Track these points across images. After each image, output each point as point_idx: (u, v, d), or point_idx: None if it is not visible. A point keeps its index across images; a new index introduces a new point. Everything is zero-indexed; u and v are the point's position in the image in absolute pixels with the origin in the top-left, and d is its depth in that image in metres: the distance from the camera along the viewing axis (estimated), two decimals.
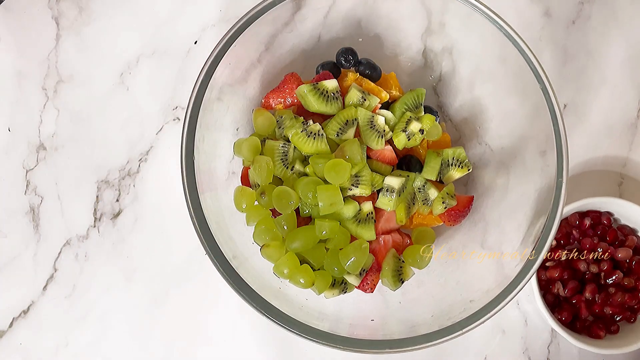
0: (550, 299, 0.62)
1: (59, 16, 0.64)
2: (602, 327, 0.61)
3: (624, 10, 0.65)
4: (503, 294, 0.50)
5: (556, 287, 0.61)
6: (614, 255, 0.60)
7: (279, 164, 0.55)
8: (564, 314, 0.61)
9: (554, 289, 0.61)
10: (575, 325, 0.62)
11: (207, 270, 0.56)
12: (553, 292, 0.61)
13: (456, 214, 0.57)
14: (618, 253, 0.60)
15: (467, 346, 0.63)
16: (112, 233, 0.63)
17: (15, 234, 0.63)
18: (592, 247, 0.61)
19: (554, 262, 0.62)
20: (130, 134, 0.63)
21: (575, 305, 0.61)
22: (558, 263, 0.61)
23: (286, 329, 0.51)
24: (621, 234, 0.62)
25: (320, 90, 0.54)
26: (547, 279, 0.62)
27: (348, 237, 0.54)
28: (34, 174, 0.63)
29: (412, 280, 0.57)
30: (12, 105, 0.63)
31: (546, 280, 0.62)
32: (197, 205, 0.51)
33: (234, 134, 0.58)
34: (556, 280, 0.61)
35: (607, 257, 0.60)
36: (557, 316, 0.61)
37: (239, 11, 0.61)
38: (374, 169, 0.55)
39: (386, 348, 0.51)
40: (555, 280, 0.61)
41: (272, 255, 0.54)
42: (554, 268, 0.61)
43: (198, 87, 0.51)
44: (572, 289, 0.61)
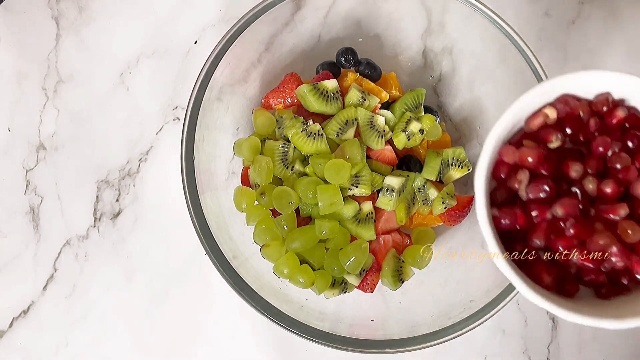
0: (500, 198, 0.40)
1: (59, 16, 0.64)
2: (551, 271, 0.39)
3: (624, 10, 0.65)
4: (503, 294, 0.50)
5: (519, 178, 0.38)
6: (635, 185, 0.37)
7: (279, 164, 0.55)
8: (508, 219, 0.39)
9: (514, 182, 0.39)
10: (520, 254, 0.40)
11: (207, 270, 0.56)
12: (509, 185, 0.39)
13: (456, 214, 0.57)
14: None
15: (467, 346, 0.63)
16: (112, 233, 0.63)
17: (15, 234, 0.63)
18: (604, 154, 0.38)
19: (531, 143, 0.39)
20: (130, 134, 0.63)
21: (533, 221, 0.38)
22: (538, 146, 0.39)
23: (286, 329, 0.51)
24: None
25: (320, 90, 0.54)
26: (512, 163, 0.39)
27: (348, 237, 0.54)
28: (34, 174, 0.63)
29: (412, 280, 0.57)
30: (12, 105, 0.63)
31: (508, 166, 0.39)
32: (197, 205, 0.51)
33: (234, 134, 0.58)
34: (522, 168, 0.39)
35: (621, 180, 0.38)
36: (498, 224, 0.39)
37: (239, 11, 0.61)
38: (374, 169, 0.55)
39: (386, 348, 0.51)
40: (522, 167, 0.38)
41: (272, 255, 0.54)
42: (530, 149, 0.38)
43: (198, 87, 0.51)
44: (540, 191, 0.38)
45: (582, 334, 0.63)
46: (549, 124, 0.39)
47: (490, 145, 0.38)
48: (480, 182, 0.38)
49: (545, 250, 0.39)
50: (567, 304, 0.38)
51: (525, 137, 0.39)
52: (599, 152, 0.38)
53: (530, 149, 0.38)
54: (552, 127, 0.39)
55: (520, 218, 0.38)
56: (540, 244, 0.38)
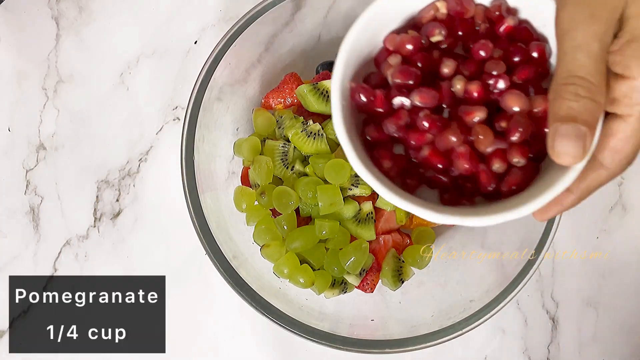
0: (373, 81, 0.39)
1: (59, 16, 0.64)
2: (397, 161, 0.38)
3: None
4: (503, 294, 0.50)
5: (390, 62, 0.37)
6: (503, 96, 0.35)
7: (279, 164, 0.55)
8: (363, 95, 0.37)
9: (386, 66, 0.38)
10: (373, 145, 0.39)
11: (207, 270, 0.56)
12: (382, 70, 0.38)
13: None
14: (513, 98, 0.35)
15: (467, 346, 0.63)
16: (112, 233, 0.63)
17: (15, 234, 0.63)
18: (483, 59, 0.37)
19: (414, 33, 0.38)
20: (130, 134, 0.63)
21: (392, 107, 0.37)
22: (420, 37, 0.37)
23: (286, 329, 0.51)
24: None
25: (320, 90, 0.54)
26: (392, 50, 0.38)
27: (348, 237, 0.54)
28: (34, 174, 0.63)
29: (412, 280, 0.57)
30: (12, 105, 0.63)
31: (389, 52, 0.38)
32: (197, 205, 0.51)
33: (234, 134, 0.58)
34: (397, 54, 0.37)
35: (491, 87, 0.36)
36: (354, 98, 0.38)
37: (239, 11, 0.61)
38: None
39: (386, 348, 0.51)
40: (398, 53, 0.37)
41: (272, 255, 0.54)
42: (409, 37, 0.37)
43: (198, 87, 0.51)
44: (406, 76, 0.36)
45: (582, 334, 0.63)
46: (439, 19, 0.38)
47: (371, 13, 0.37)
48: (343, 54, 0.37)
49: (399, 141, 0.38)
50: (404, 194, 0.37)
51: (411, 28, 0.39)
52: (478, 56, 0.37)
53: (409, 37, 0.37)
54: (440, 22, 0.38)
55: (379, 100, 0.37)
56: (392, 131, 0.37)
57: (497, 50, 0.37)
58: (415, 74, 0.36)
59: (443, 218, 0.36)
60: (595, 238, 0.63)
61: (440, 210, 0.36)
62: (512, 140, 0.35)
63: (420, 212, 0.36)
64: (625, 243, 0.63)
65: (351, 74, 0.38)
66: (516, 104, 0.35)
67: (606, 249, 0.63)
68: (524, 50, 0.36)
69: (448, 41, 0.38)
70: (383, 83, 0.38)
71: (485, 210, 0.36)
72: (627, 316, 0.63)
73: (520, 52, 0.36)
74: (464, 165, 0.35)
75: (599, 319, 0.63)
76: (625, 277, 0.63)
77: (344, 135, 0.36)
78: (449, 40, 0.38)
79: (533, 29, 0.37)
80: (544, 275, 0.63)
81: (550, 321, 0.63)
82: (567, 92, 0.32)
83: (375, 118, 0.38)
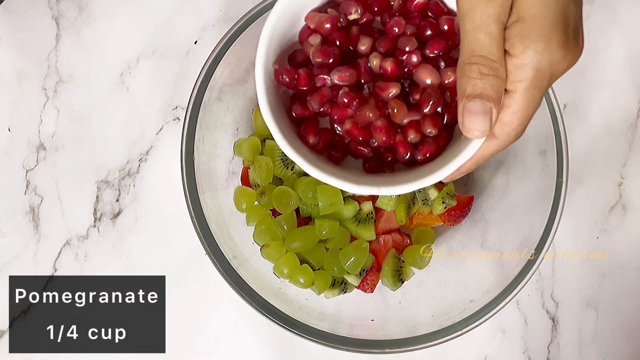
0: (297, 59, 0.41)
1: (59, 16, 0.64)
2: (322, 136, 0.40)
3: (624, 10, 0.65)
4: (503, 294, 0.50)
5: (310, 41, 0.39)
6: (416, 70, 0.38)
7: (279, 164, 0.55)
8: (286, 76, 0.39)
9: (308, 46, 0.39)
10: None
11: (207, 270, 0.56)
12: (304, 49, 0.40)
13: (456, 214, 0.57)
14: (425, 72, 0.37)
15: (467, 346, 0.63)
16: (112, 233, 0.63)
17: (15, 234, 0.63)
18: (397, 35, 0.39)
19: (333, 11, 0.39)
20: (130, 134, 0.63)
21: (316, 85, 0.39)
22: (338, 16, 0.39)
23: (286, 329, 0.51)
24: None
25: None
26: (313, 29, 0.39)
27: (348, 237, 0.54)
28: (34, 174, 0.63)
29: (412, 280, 0.57)
30: (12, 105, 0.63)
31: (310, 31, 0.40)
32: (197, 205, 0.51)
33: (234, 134, 0.58)
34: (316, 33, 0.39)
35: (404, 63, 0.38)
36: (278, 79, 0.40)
37: (239, 11, 0.61)
38: None
39: (386, 348, 0.51)
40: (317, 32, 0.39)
41: (272, 255, 0.54)
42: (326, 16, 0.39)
43: (198, 87, 0.51)
44: (325, 56, 0.38)
45: (582, 334, 0.63)
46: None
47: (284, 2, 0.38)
48: (267, 30, 0.38)
49: (323, 116, 0.41)
50: (330, 169, 0.39)
51: (330, 7, 0.40)
52: (392, 33, 0.39)
53: (327, 16, 0.39)
54: (357, 1, 0.39)
55: (302, 79, 0.39)
56: (316, 107, 0.39)
57: (409, 27, 0.39)
58: (333, 53, 0.39)
59: (362, 189, 0.39)
60: (595, 238, 0.63)
61: (361, 181, 0.39)
62: (425, 112, 0.38)
63: (342, 186, 0.38)
64: (625, 243, 0.63)
65: (275, 54, 0.40)
66: (427, 77, 0.37)
67: (606, 249, 0.63)
68: (435, 24, 0.38)
69: (365, 18, 0.40)
70: (308, 60, 0.40)
71: (400, 179, 0.39)
72: (627, 316, 0.63)
73: (431, 26, 0.38)
74: (381, 137, 0.39)
75: (599, 319, 0.63)
76: (625, 277, 0.63)
77: (269, 115, 0.39)
78: (366, 17, 0.40)
79: (444, 3, 0.39)
80: (544, 275, 0.63)
81: (550, 321, 0.63)
82: (472, 70, 0.34)
83: (301, 95, 0.41)
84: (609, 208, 0.64)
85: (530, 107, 0.36)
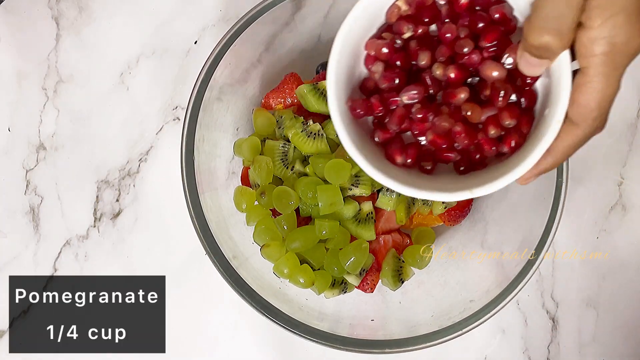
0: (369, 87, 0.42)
1: (59, 16, 0.64)
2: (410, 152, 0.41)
3: None
4: (503, 294, 0.50)
5: (373, 69, 0.41)
6: (480, 67, 0.38)
7: (279, 164, 0.55)
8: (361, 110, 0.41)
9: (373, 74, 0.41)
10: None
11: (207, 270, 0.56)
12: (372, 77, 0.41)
13: (456, 214, 0.57)
14: (490, 67, 0.38)
15: (467, 346, 0.63)
16: (112, 233, 0.63)
17: (15, 234, 0.63)
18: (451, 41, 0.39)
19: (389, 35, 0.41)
20: (130, 134, 0.63)
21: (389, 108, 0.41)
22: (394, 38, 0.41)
23: (286, 329, 0.51)
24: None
25: (320, 90, 0.54)
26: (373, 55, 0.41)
27: (348, 237, 0.54)
28: (34, 174, 0.63)
29: (412, 280, 0.57)
30: (12, 105, 0.63)
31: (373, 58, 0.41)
32: (197, 205, 0.51)
33: (234, 134, 0.58)
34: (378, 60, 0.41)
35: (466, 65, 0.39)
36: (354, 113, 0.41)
37: (239, 11, 0.61)
38: None
39: (386, 348, 0.51)
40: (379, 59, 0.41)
41: (272, 255, 0.54)
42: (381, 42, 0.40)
43: (198, 87, 0.51)
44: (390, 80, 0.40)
45: (582, 334, 0.63)
46: (404, 16, 0.40)
47: (342, 36, 0.39)
48: (331, 73, 0.40)
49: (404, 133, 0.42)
50: (423, 184, 0.41)
51: (385, 30, 0.41)
52: (447, 39, 0.39)
53: (383, 42, 0.40)
54: (406, 18, 0.40)
55: (376, 107, 0.41)
56: (395, 129, 0.41)
57: (462, 29, 0.39)
58: (398, 75, 0.40)
59: (455, 196, 0.39)
60: (595, 238, 0.63)
61: (452, 189, 0.40)
62: (499, 105, 0.38)
63: (437, 197, 0.40)
64: (625, 243, 0.63)
65: (345, 89, 0.41)
66: (493, 71, 0.38)
67: (606, 249, 0.63)
68: (485, 16, 0.38)
69: (420, 30, 0.40)
70: (378, 85, 0.41)
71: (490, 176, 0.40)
72: (627, 316, 0.63)
73: (482, 19, 0.38)
74: (464, 141, 0.39)
75: (599, 319, 0.63)
76: (625, 277, 0.63)
77: (357, 155, 0.40)
78: (421, 29, 0.40)
79: None
80: (544, 275, 0.63)
81: (550, 321, 0.63)
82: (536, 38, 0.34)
83: (380, 120, 0.42)
84: (609, 208, 0.64)
85: (607, 88, 0.34)
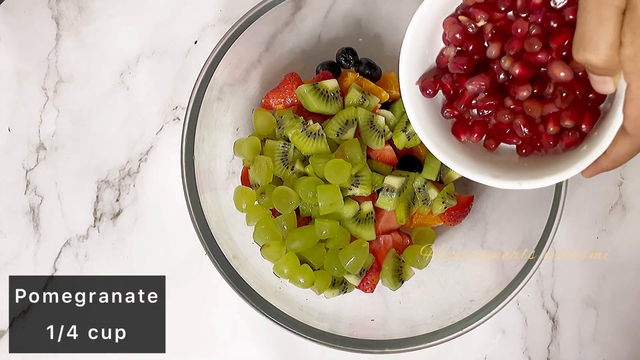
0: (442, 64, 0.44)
1: (59, 16, 0.64)
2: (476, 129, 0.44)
3: None
4: (503, 294, 0.50)
5: (445, 54, 0.44)
6: (548, 65, 0.39)
7: (279, 164, 0.55)
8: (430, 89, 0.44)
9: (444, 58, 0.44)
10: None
11: (207, 270, 0.56)
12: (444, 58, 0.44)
13: (456, 214, 0.57)
14: (556, 67, 0.39)
15: (467, 346, 0.63)
16: (112, 233, 0.63)
17: (15, 234, 0.63)
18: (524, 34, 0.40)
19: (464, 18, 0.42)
20: (130, 134, 0.63)
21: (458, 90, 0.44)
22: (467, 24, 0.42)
23: (286, 329, 0.51)
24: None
25: (320, 90, 0.54)
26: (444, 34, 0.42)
27: (348, 237, 0.54)
28: (34, 174, 0.63)
29: (412, 280, 0.57)
30: (12, 105, 0.63)
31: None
32: (197, 205, 0.51)
33: (234, 134, 0.58)
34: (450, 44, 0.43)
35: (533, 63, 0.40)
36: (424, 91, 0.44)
37: (239, 11, 0.61)
38: (374, 169, 0.55)
39: (386, 348, 0.51)
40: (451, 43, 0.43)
41: (272, 255, 0.54)
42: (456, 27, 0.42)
43: (198, 87, 0.51)
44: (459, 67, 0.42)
45: (582, 334, 0.63)
46: (481, 2, 0.41)
47: (421, 12, 0.41)
48: (405, 49, 0.42)
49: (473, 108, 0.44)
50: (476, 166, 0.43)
51: (463, 14, 0.43)
52: (517, 35, 0.40)
53: (458, 28, 0.42)
54: (483, 5, 0.41)
55: (446, 88, 0.44)
56: (463, 110, 0.44)
57: (534, 26, 0.39)
58: (467, 63, 0.42)
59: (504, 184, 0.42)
60: (595, 238, 0.63)
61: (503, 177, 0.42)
62: (558, 106, 0.39)
63: (487, 182, 0.42)
64: (625, 243, 0.63)
65: (417, 67, 0.44)
66: (560, 72, 0.38)
67: (606, 249, 0.63)
68: (559, 16, 0.39)
69: (494, 18, 0.41)
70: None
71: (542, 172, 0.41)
72: (627, 316, 0.63)
73: (555, 19, 0.39)
74: (523, 133, 0.42)
75: (599, 319, 0.63)
76: (625, 277, 0.63)
77: (421, 131, 0.44)
78: (495, 17, 0.41)
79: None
80: (544, 275, 0.63)
81: (550, 321, 0.63)
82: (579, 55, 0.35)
83: (450, 97, 0.45)
84: (609, 208, 0.64)
85: None
